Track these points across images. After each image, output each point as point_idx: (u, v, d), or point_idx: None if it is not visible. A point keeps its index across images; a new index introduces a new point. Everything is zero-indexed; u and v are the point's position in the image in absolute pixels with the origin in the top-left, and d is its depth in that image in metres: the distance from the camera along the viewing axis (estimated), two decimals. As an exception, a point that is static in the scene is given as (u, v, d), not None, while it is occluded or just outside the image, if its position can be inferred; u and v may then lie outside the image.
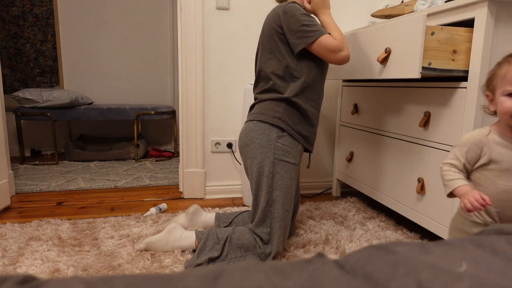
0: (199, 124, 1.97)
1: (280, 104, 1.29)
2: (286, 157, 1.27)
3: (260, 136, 1.27)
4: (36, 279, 0.37)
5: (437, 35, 1.14)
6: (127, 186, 2.23)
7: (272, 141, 1.26)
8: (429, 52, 1.14)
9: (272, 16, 1.30)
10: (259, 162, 1.27)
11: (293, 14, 1.23)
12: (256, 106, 1.36)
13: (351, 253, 0.44)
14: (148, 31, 3.40)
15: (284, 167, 1.27)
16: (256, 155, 1.27)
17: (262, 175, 1.26)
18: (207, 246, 1.25)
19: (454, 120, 1.22)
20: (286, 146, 1.27)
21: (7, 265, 1.22)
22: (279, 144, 1.27)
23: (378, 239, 1.49)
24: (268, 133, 1.27)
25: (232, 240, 1.24)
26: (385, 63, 1.28)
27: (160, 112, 2.99)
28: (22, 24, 3.16)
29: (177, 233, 1.34)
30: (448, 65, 1.16)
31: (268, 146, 1.26)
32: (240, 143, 1.34)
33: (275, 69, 1.29)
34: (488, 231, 0.52)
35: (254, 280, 0.37)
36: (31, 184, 2.22)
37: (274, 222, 1.25)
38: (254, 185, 1.28)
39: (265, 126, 1.28)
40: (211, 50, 1.94)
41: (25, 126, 3.24)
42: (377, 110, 1.66)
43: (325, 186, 2.22)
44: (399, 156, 1.51)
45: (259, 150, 1.27)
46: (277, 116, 1.28)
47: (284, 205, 1.26)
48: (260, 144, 1.27)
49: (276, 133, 1.27)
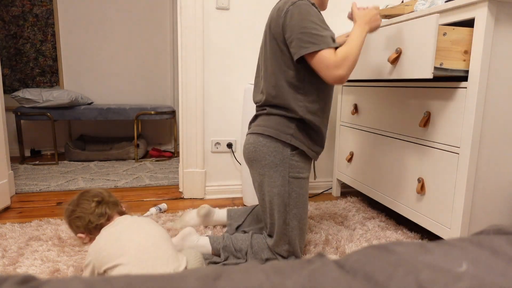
0: (199, 124, 1.97)
1: (291, 121, 1.21)
2: (301, 173, 1.23)
3: (273, 154, 1.21)
4: (36, 279, 0.37)
5: (449, 36, 1.14)
6: (127, 186, 2.23)
7: (286, 159, 1.21)
8: (440, 53, 1.14)
9: (276, 15, 1.16)
10: (273, 181, 1.22)
11: (295, 17, 1.09)
12: (263, 118, 1.26)
13: (351, 253, 0.44)
14: (148, 31, 3.40)
15: (300, 183, 1.23)
16: (270, 173, 1.22)
17: (277, 195, 1.22)
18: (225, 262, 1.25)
19: (454, 120, 1.22)
20: (300, 162, 1.23)
21: (7, 265, 1.22)
22: (293, 162, 1.22)
23: (378, 239, 1.49)
24: (282, 151, 1.21)
25: (250, 255, 1.26)
26: (395, 63, 1.28)
27: (160, 112, 2.99)
28: (22, 24, 3.16)
29: (192, 240, 1.31)
30: (459, 65, 1.17)
31: (282, 164, 1.21)
32: (248, 157, 1.28)
33: (281, 78, 1.19)
34: (488, 231, 0.52)
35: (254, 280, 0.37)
36: (31, 184, 2.22)
37: (294, 240, 1.25)
38: (268, 203, 1.25)
39: (277, 144, 1.21)
40: (211, 50, 1.94)
41: (25, 126, 3.24)
42: (377, 110, 1.66)
43: (325, 186, 2.22)
44: (399, 156, 1.51)
45: (273, 169, 1.22)
46: (289, 133, 1.21)
47: (301, 220, 1.25)
48: (274, 162, 1.21)
49: (290, 151, 1.21)
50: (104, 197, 1.16)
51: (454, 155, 1.22)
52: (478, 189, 1.20)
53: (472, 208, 1.21)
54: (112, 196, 1.19)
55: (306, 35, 1.08)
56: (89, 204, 1.12)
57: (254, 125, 1.30)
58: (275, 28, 1.17)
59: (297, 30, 1.09)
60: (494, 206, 1.24)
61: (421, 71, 1.16)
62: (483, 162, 1.19)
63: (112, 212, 1.14)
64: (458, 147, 1.21)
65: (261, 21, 1.97)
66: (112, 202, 1.16)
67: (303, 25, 1.09)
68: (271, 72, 1.21)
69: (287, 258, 1.25)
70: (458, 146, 1.20)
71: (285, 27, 1.13)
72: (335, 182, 2.12)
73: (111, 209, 1.14)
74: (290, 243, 1.25)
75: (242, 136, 1.86)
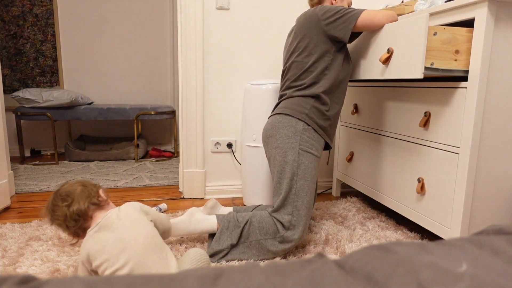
0: (199, 124, 1.97)
1: (308, 100, 1.35)
2: (310, 149, 1.33)
3: (287, 128, 1.33)
4: (36, 279, 0.37)
5: (439, 35, 1.14)
6: (127, 186, 2.23)
7: (298, 132, 1.32)
8: (431, 52, 1.14)
9: (309, 16, 1.36)
10: (284, 151, 1.32)
11: (328, 9, 1.31)
12: (284, 101, 1.41)
13: (351, 253, 0.44)
14: (148, 31, 3.40)
15: (309, 157, 1.32)
16: (282, 145, 1.33)
17: (287, 163, 1.30)
18: (228, 228, 1.29)
19: (454, 120, 1.22)
20: (311, 139, 1.33)
21: (7, 265, 1.22)
22: (304, 136, 1.33)
23: (378, 239, 1.49)
24: (295, 125, 1.33)
25: (253, 222, 1.28)
26: (387, 64, 1.28)
27: (160, 112, 2.99)
28: (22, 24, 3.16)
29: (199, 215, 1.36)
30: (450, 65, 1.16)
31: (294, 137, 1.32)
32: (265, 134, 1.40)
33: (307, 65, 1.35)
34: (488, 231, 0.52)
35: (254, 280, 0.37)
36: (31, 184, 2.22)
37: (300, 210, 1.28)
38: (277, 173, 1.32)
39: (292, 119, 1.34)
40: (211, 50, 1.94)
41: (25, 126, 3.24)
42: (377, 110, 1.66)
43: (325, 186, 2.22)
44: (399, 156, 1.51)
45: (285, 140, 1.32)
46: (304, 112, 1.34)
47: (308, 193, 1.30)
48: (287, 135, 1.33)
49: (302, 126, 1.33)
50: (74, 196, 1.05)
51: (454, 155, 1.22)
52: (478, 189, 1.20)
53: (472, 208, 1.21)
54: (85, 188, 1.08)
55: (343, 12, 1.30)
56: (61, 210, 1.03)
57: (274, 109, 1.45)
58: (308, 23, 1.36)
59: (335, 14, 1.31)
60: (494, 206, 1.24)
61: (412, 71, 1.16)
62: (483, 162, 1.19)
63: (89, 210, 1.04)
64: (458, 147, 1.21)
65: (261, 21, 1.97)
66: (84, 197, 1.05)
67: (336, 9, 1.31)
68: (299, 59, 1.39)
69: (285, 227, 1.27)
70: (458, 146, 1.20)
71: (322, 18, 1.33)
72: (335, 182, 2.12)
73: (85, 207, 1.03)
74: (293, 214, 1.27)
75: (242, 136, 1.86)
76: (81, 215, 1.03)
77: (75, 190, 1.07)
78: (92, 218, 1.05)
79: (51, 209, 1.06)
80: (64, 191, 1.07)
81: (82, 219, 1.04)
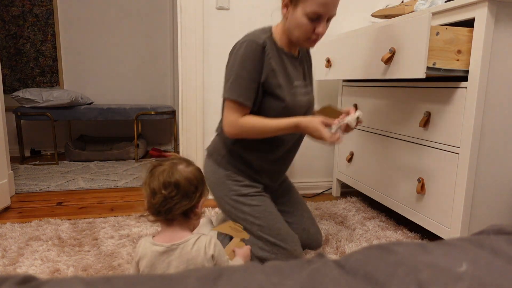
0: (199, 124, 1.97)
1: (223, 147, 1.25)
2: (243, 190, 1.22)
3: (212, 174, 1.24)
4: (36, 279, 0.37)
5: (442, 35, 1.14)
6: (127, 186, 2.23)
7: (222, 179, 1.22)
8: (434, 52, 1.14)
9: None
10: (220, 203, 1.25)
11: (232, 57, 1.15)
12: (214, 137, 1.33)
13: (351, 253, 0.44)
14: (148, 31, 3.40)
15: (247, 199, 1.20)
16: (216, 196, 1.25)
17: (231, 215, 1.22)
18: None
19: (454, 120, 1.22)
20: (238, 181, 1.23)
21: (7, 265, 1.22)
22: (229, 181, 1.22)
23: (378, 239, 1.49)
24: (217, 171, 1.24)
25: None
26: (389, 63, 1.28)
27: (160, 112, 2.99)
28: (22, 24, 3.16)
29: (205, 230, 1.33)
30: (452, 65, 1.16)
31: (222, 185, 1.23)
32: None
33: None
34: (488, 231, 0.52)
35: (254, 280, 0.37)
36: (31, 184, 2.22)
37: (269, 240, 1.18)
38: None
39: (213, 165, 1.25)
40: (211, 50, 1.94)
41: (25, 126, 3.24)
42: (377, 110, 1.66)
43: (325, 186, 2.22)
44: (399, 156, 1.51)
45: (215, 189, 1.24)
46: (220, 154, 1.25)
47: (270, 231, 1.18)
48: (214, 182, 1.24)
49: (224, 171, 1.23)
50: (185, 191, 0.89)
51: (454, 155, 1.22)
52: (478, 189, 1.20)
53: (472, 208, 1.21)
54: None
55: (227, 81, 1.14)
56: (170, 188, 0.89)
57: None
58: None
59: (227, 70, 1.16)
60: (494, 206, 1.24)
61: (414, 71, 1.16)
62: (483, 162, 1.19)
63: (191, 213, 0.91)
64: (458, 147, 1.21)
65: (261, 21, 1.97)
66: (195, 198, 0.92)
67: (233, 68, 1.13)
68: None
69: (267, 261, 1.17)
70: (458, 146, 1.20)
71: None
72: (335, 182, 2.12)
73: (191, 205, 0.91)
74: (267, 251, 1.18)
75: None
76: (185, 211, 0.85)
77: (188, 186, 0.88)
78: (179, 222, 0.87)
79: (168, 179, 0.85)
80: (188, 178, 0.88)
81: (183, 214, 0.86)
